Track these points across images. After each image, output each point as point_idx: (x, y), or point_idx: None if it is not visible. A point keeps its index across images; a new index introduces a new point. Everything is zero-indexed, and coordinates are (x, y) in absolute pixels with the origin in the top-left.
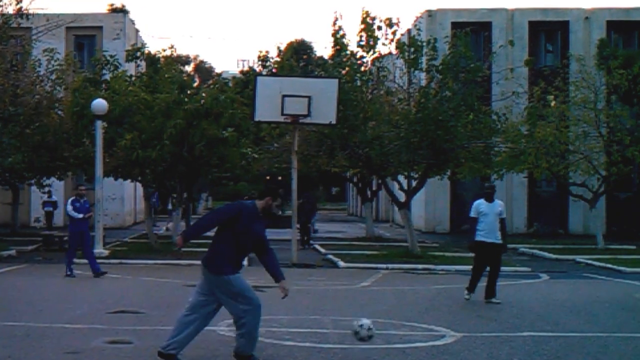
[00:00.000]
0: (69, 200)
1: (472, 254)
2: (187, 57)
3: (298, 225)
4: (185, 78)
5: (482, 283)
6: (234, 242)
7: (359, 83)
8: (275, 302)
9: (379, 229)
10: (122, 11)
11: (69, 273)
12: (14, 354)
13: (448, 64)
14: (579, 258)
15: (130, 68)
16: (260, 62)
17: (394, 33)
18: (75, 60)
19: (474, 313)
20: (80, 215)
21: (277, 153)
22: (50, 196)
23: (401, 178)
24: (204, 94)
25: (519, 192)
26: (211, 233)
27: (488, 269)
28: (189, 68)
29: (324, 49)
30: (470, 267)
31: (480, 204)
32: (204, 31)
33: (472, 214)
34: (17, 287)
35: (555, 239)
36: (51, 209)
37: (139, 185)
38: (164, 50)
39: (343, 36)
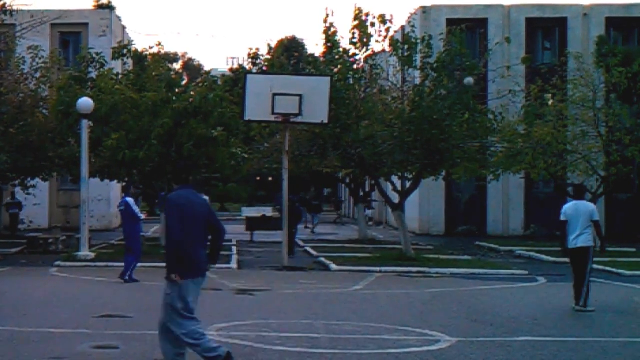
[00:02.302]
0: (131, 201)
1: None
2: (175, 54)
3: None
4: (173, 76)
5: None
6: None
7: (351, 81)
8: (265, 307)
9: (372, 231)
10: (109, 7)
11: (134, 278)
12: None
13: (443, 61)
14: None
15: (117, 66)
16: (250, 60)
17: (387, 30)
18: (60, 57)
19: (469, 317)
20: (143, 216)
21: (267, 153)
22: (13, 197)
23: (395, 179)
24: (192, 93)
25: (515, 194)
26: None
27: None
28: (177, 66)
29: (315, 46)
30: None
31: None
32: (193, 28)
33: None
34: (0, 291)
35: (552, 242)
36: (17, 210)
37: None
38: (152, 48)
39: (335, 33)
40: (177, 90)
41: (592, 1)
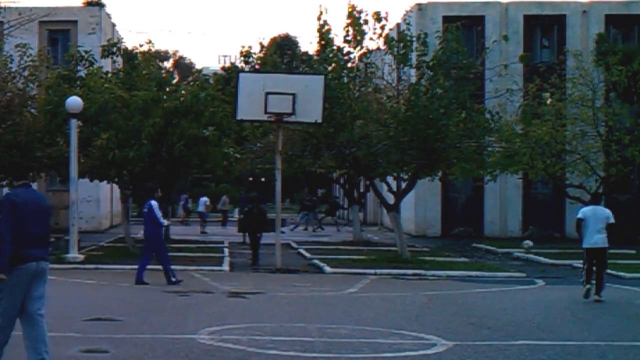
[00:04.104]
0: (155, 205)
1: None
2: (166, 52)
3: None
4: (164, 75)
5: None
6: None
7: (345, 80)
8: (258, 310)
9: (367, 233)
10: (98, 4)
11: (174, 280)
12: None
13: (439, 60)
14: (576, 263)
15: (107, 64)
16: (242, 58)
17: (382, 27)
18: (48, 56)
19: (466, 320)
20: (166, 223)
21: (260, 153)
22: None
23: (390, 179)
24: (183, 92)
25: (513, 194)
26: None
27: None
28: (168, 64)
29: (309, 44)
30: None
31: None
32: (184, 25)
33: None
34: None
35: (551, 243)
36: None
37: (115, 186)
38: (142, 46)
39: (329, 31)
40: (167, 89)
41: None
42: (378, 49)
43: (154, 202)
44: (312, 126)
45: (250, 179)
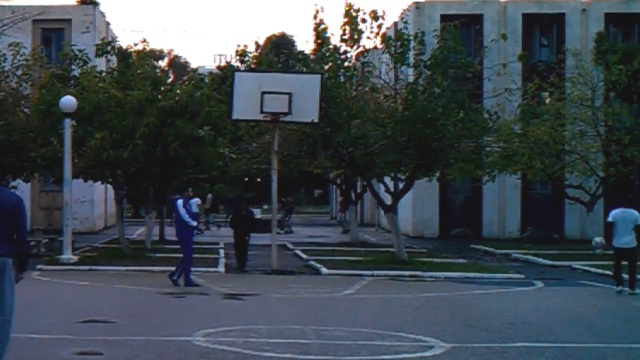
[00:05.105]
0: (180, 203)
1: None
2: (161, 51)
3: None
4: (158, 74)
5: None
6: None
7: (342, 79)
8: (254, 311)
9: (363, 234)
10: (92, 3)
11: (175, 278)
12: None
13: (437, 59)
14: (575, 264)
15: (101, 63)
16: (238, 57)
17: (379, 26)
18: (42, 55)
19: (464, 323)
20: (195, 223)
21: (256, 153)
22: None
23: (387, 180)
24: (178, 91)
25: (511, 195)
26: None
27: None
28: (162, 63)
29: (305, 43)
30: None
31: None
32: (179, 24)
33: None
34: None
35: (550, 244)
36: None
37: (109, 187)
38: (136, 45)
39: (325, 30)
40: (162, 89)
41: None
42: (375, 47)
43: (179, 201)
44: (309, 126)
45: (246, 179)
